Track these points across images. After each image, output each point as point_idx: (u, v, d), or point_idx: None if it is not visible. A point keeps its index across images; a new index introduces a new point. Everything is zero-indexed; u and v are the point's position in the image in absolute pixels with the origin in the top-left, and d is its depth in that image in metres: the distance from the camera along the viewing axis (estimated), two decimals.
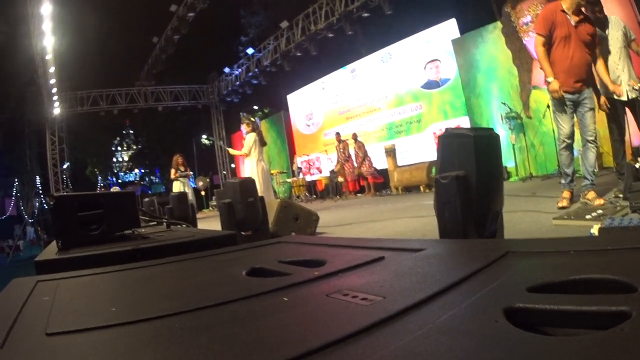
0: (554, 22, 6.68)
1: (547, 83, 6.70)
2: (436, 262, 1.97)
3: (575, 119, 6.85)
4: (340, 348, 1.06)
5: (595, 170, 7.03)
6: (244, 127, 30.20)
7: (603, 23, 7.63)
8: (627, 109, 7.58)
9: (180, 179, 17.82)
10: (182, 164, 18.18)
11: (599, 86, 7.59)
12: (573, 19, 6.71)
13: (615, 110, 7.64)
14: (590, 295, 1.20)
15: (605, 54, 7.41)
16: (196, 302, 1.64)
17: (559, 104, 6.74)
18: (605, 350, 0.86)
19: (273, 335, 1.24)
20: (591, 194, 6.61)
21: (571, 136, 6.82)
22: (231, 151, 18.07)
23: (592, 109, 6.80)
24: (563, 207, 6.51)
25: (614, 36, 7.53)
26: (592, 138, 6.73)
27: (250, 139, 12.77)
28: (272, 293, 1.71)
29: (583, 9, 6.89)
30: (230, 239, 4.00)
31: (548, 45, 6.76)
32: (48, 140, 30.73)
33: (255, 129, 13.48)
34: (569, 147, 6.85)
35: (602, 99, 7.76)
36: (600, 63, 7.17)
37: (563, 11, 6.73)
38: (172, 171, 17.93)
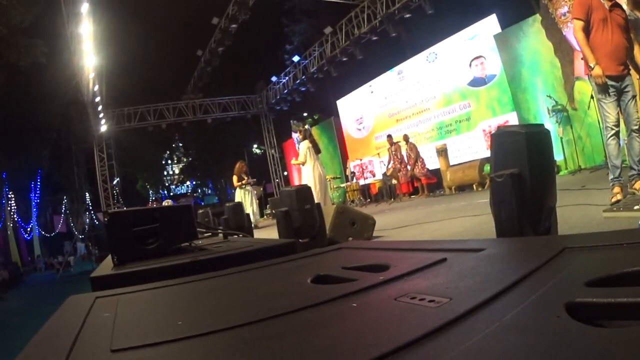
0: (590, 6, 6.62)
1: (590, 69, 6.58)
2: (497, 262, 1.99)
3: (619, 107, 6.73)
4: (411, 351, 1.07)
5: None
6: (296, 136, 30.35)
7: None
8: None
9: (245, 186, 18.12)
10: (245, 172, 18.38)
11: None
12: (607, 3, 6.66)
13: None
14: None
15: None
16: (264, 312, 1.62)
17: (603, 90, 6.61)
18: None
19: (346, 341, 1.25)
20: (639, 184, 6.55)
21: (618, 124, 6.68)
22: (293, 162, 16.52)
23: (635, 97, 6.68)
24: (617, 202, 6.37)
25: None
26: (637, 127, 6.59)
27: (303, 147, 13.03)
28: (340, 299, 1.69)
29: None
30: (289, 247, 3.95)
31: (587, 30, 6.68)
32: (96, 156, 31.11)
33: (307, 136, 13.53)
34: (617, 136, 6.70)
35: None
36: (638, 48, 7.02)
37: None
38: (235, 179, 18.09)
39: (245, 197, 17.94)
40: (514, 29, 18.44)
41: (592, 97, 11.54)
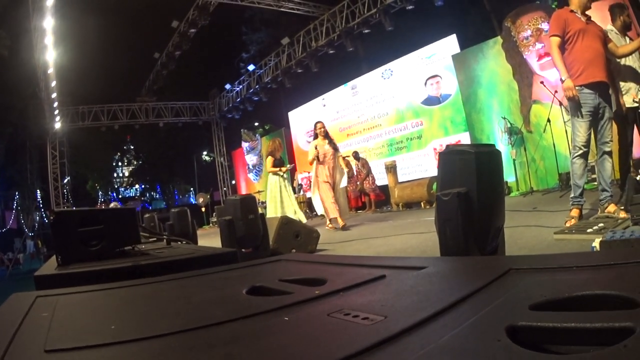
0: (566, 21, 6.65)
1: (562, 82, 6.56)
2: (438, 280, 1.97)
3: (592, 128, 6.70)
4: None
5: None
6: (246, 145, 30.22)
7: (628, 27, 7.65)
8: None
9: (284, 174, 13.31)
10: (280, 149, 13.69)
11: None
12: (583, 17, 6.71)
13: (627, 121, 7.57)
14: (594, 312, 1.19)
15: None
16: (196, 321, 1.62)
17: (576, 107, 6.57)
18: None
19: (273, 356, 1.24)
20: (612, 207, 6.47)
21: (588, 144, 6.61)
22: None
23: (611, 119, 6.72)
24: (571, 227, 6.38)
25: None
26: (609, 149, 6.62)
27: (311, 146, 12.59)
28: (273, 312, 1.69)
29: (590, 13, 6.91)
30: (230, 257, 3.98)
31: (562, 47, 6.69)
32: (49, 154, 30.82)
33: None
34: (584, 156, 6.64)
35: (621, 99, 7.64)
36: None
37: (572, 11, 6.74)
38: (269, 161, 13.24)
39: (282, 190, 13.11)
40: (474, 49, 18.62)
41: (548, 120, 11.72)
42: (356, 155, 20.63)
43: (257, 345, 1.33)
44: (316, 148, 12.27)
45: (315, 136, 12.61)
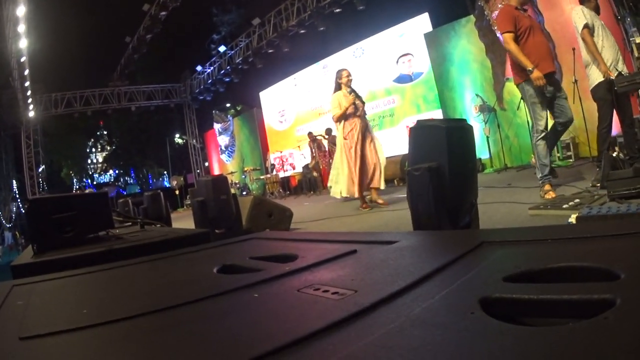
0: (515, 17, 6.86)
1: (530, 72, 6.67)
2: (409, 254, 1.96)
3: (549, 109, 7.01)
4: (310, 344, 1.05)
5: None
6: (218, 126, 30.10)
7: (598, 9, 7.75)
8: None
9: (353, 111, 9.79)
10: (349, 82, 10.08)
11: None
12: (524, 13, 7.04)
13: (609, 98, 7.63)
14: (571, 283, 1.18)
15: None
16: (166, 301, 1.63)
17: (540, 93, 6.80)
18: (589, 339, 0.84)
19: (242, 333, 1.23)
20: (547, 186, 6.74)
21: (547, 126, 6.93)
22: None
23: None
24: (553, 199, 6.44)
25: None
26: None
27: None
28: (242, 290, 1.71)
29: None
30: (203, 237, 4.06)
31: (516, 40, 6.88)
32: (23, 143, 30.65)
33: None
34: (546, 137, 6.92)
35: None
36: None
37: (517, 8, 7.01)
38: (339, 97, 9.88)
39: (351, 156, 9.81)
40: (446, 28, 18.66)
41: (521, 98, 11.78)
42: (329, 132, 20.59)
43: (226, 323, 1.34)
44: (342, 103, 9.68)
45: (338, 87, 10.00)
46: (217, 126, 34.07)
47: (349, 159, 9.59)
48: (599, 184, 6.37)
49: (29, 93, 27.46)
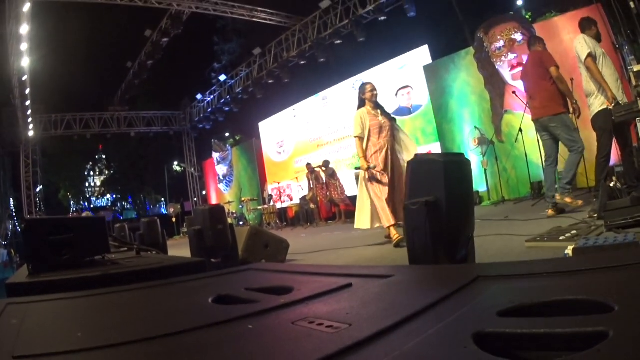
0: None
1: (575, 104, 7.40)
2: (404, 289, 1.98)
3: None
4: None
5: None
6: (217, 155, 30.11)
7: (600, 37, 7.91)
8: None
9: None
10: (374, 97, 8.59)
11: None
12: None
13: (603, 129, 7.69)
14: (565, 317, 1.18)
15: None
16: (161, 329, 1.63)
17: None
18: None
19: None
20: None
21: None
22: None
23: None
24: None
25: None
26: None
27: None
28: (238, 321, 1.70)
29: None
30: (199, 266, 4.01)
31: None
32: (22, 162, 30.63)
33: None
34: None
35: None
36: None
37: None
38: (362, 114, 8.46)
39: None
40: (445, 60, 18.72)
41: (520, 130, 11.79)
42: (326, 164, 20.59)
43: (220, 353, 1.35)
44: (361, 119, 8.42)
45: (362, 103, 8.64)
46: (215, 155, 34.03)
47: (371, 188, 8.08)
48: (596, 215, 6.38)
49: (29, 112, 27.47)
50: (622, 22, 12.41)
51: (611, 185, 6.53)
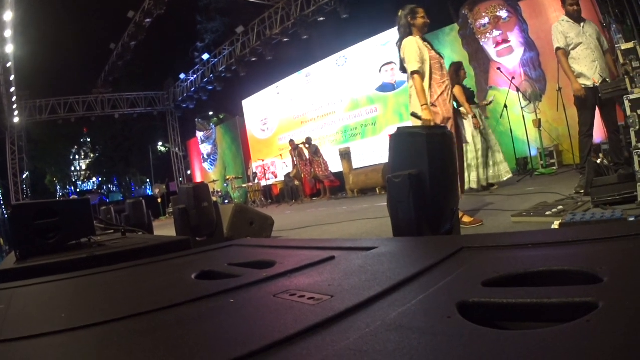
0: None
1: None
2: (387, 260, 1.96)
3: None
4: (285, 348, 1.06)
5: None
6: (201, 134, 29.99)
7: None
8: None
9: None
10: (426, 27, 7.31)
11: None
12: None
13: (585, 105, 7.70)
14: (552, 287, 1.16)
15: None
16: (144, 306, 1.65)
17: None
18: (570, 343, 0.83)
19: (217, 337, 1.26)
20: None
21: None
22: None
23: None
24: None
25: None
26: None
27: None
28: (219, 295, 1.73)
29: None
30: (183, 244, 4.06)
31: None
32: (8, 149, 30.47)
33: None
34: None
35: None
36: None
37: None
38: (418, 43, 7.02)
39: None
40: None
41: (505, 106, 11.82)
42: (309, 141, 20.56)
43: (201, 327, 1.36)
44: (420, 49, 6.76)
45: (408, 30, 7.16)
46: (199, 134, 34.09)
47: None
48: (582, 191, 6.41)
49: (14, 99, 27.31)
50: (610, 2, 12.38)
51: (597, 162, 6.55)
